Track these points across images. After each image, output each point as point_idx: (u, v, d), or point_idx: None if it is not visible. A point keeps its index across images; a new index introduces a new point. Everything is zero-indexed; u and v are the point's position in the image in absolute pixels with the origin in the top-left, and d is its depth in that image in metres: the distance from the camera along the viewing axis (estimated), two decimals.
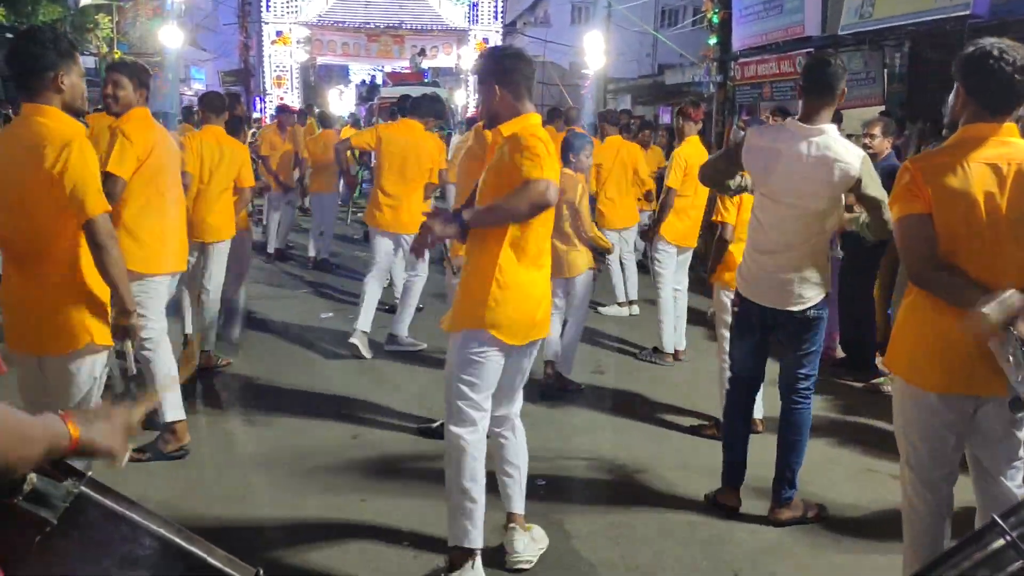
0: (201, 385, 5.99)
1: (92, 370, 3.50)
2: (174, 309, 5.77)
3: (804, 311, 4.03)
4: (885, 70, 13.08)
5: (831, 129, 3.93)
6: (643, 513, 4.30)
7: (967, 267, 2.83)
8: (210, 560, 1.51)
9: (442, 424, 3.67)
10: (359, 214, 12.58)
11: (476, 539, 3.51)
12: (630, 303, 8.88)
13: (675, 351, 7.15)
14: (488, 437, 3.60)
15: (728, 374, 4.58)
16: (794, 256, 3.98)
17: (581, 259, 6.02)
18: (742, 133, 11.12)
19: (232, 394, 5.99)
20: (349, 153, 10.62)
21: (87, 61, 27.00)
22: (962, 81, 2.91)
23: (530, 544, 3.75)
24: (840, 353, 6.94)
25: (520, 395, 3.79)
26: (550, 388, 6.04)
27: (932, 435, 2.99)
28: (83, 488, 1.45)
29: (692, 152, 6.82)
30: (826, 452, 5.17)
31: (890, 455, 3.34)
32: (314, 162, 11.15)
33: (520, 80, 3.57)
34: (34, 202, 3.29)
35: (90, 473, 1.48)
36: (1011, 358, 2.62)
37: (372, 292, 7.08)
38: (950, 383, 2.91)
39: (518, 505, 3.77)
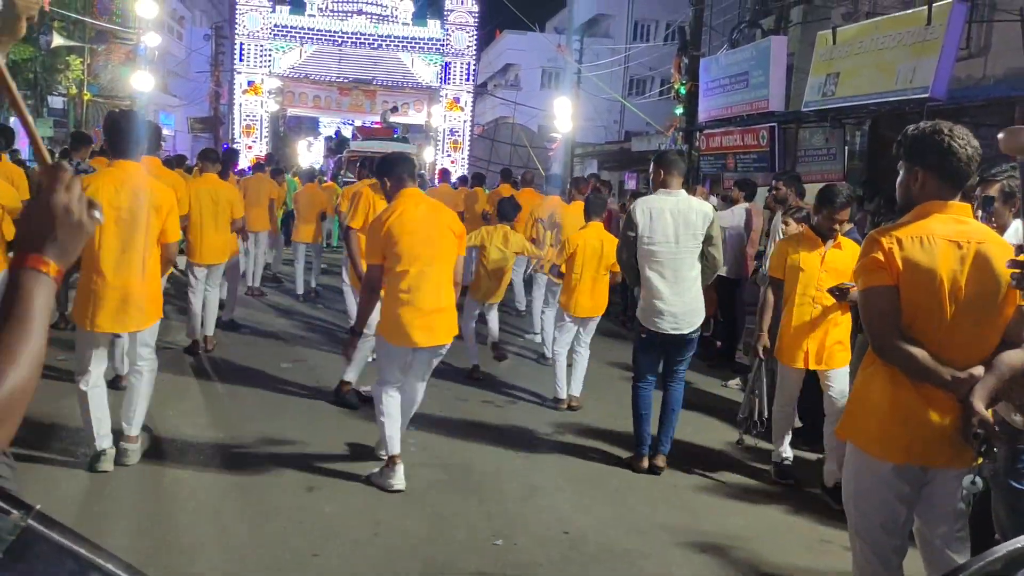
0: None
1: None
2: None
3: None
4: (846, 147, 13.41)
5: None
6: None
7: (923, 340, 2.87)
8: None
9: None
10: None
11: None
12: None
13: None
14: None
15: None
16: None
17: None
18: (713, 199, 11.34)
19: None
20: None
21: (56, 102, 26.89)
22: (919, 160, 2.96)
23: None
24: (797, 423, 6.97)
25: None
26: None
27: (884, 506, 2.99)
28: (31, 521, 1.41)
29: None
30: (782, 520, 5.17)
31: (845, 526, 3.35)
32: (301, 215, 12.18)
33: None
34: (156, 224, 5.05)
35: (39, 507, 1.44)
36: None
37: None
38: (907, 454, 2.92)
39: None
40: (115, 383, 6.39)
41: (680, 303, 5.53)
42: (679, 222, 5.49)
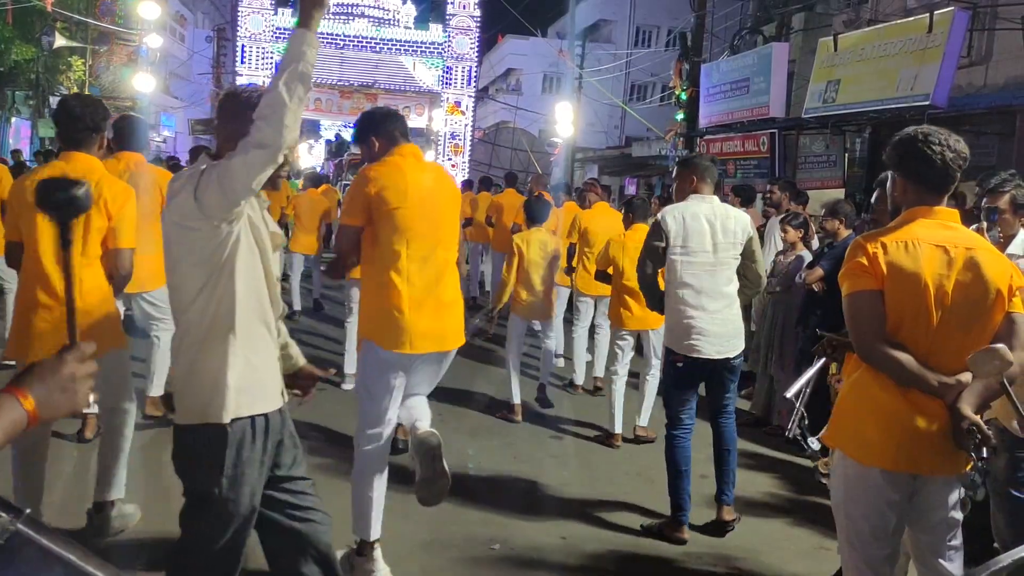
0: None
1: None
2: None
3: None
4: (846, 154, 13.42)
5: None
6: None
7: (909, 346, 2.85)
8: None
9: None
10: None
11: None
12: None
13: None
14: None
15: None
16: None
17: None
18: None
19: None
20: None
21: (57, 102, 26.88)
22: (897, 168, 3.00)
23: None
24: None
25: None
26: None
27: (874, 513, 2.94)
28: (19, 525, 1.39)
29: (592, 215, 8.44)
30: (779, 529, 5.16)
31: None
32: (301, 223, 11.24)
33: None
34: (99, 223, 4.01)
35: (28, 511, 1.42)
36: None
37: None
38: (895, 460, 2.89)
39: None
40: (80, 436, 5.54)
41: (721, 322, 4.83)
42: (717, 229, 4.84)
